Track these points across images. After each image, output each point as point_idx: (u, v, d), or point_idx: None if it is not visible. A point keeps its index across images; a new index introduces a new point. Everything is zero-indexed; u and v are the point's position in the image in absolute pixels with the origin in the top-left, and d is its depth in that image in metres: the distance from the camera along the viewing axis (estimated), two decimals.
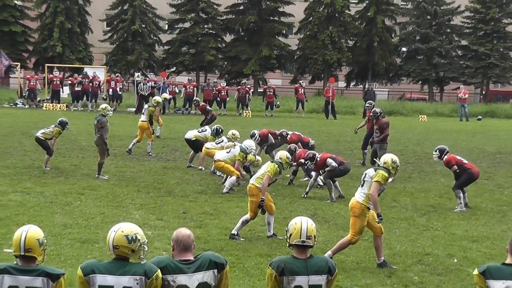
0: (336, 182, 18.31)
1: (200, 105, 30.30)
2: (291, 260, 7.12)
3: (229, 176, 18.71)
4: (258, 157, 19.94)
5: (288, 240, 7.26)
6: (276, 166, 13.76)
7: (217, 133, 22.11)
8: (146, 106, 26.18)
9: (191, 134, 22.34)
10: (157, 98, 26.77)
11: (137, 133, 25.03)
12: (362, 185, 11.93)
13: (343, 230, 14.17)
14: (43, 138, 20.70)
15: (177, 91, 45.28)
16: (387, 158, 12.12)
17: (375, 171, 11.90)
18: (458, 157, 17.99)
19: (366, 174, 11.98)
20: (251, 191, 13.64)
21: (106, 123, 19.93)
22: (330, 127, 37.41)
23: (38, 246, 6.55)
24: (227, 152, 18.80)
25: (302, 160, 18.71)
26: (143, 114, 25.13)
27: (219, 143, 20.68)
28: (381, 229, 12.07)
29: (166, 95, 32.27)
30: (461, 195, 17.13)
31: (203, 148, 20.90)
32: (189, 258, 6.84)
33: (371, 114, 23.43)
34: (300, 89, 46.45)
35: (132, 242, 6.60)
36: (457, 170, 17.46)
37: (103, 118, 19.82)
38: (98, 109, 20.80)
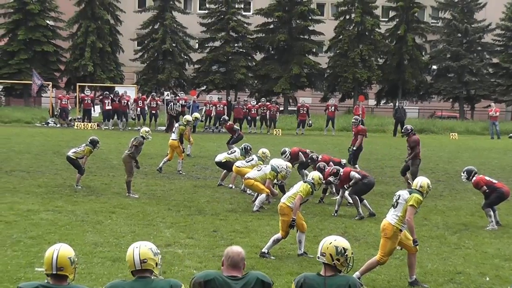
0: (365, 201, 18.20)
1: (228, 124, 30.31)
2: (313, 276, 7.22)
3: (259, 194, 18.71)
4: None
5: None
6: (309, 186, 13.70)
7: (246, 152, 22.10)
8: (176, 124, 26.25)
9: (221, 157, 22.32)
10: (188, 117, 26.90)
11: (168, 151, 25.14)
12: (395, 207, 11.80)
13: (374, 249, 14.09)
14: (74, 157, 20.83)
15: (213, 112, 45.37)
16: (424, 182, 12.02)
17: (410, 193, 11.81)
18: (487, 178, 17.89)
19: (400, 196, 11.84)
20: (283, 210, 13.61)
21: (142, 144, 20.17)
22: None
23: (69, 264, 6.60)
24: (258, 170, 18.80)
25: (331, 178, 18.63)
26: (174, 132, 25.25)
27: (249, 161, 20.67)
28: (416, 247, 11.99)
29: (197, 114, 32.35)
30: (491, 213, 17.03)
31: (234, 167, 20.90)
32: (237, 275, 6.92)
33: (402, 131, 23.49)
34: (330, 107, 46.46)
35: (156, 255, 6.73)
36: (487, 191, 17.37)
37: (142, 139, 20.07)
38: (140, 132, 20.93)
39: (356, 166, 24.59)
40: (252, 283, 6.93)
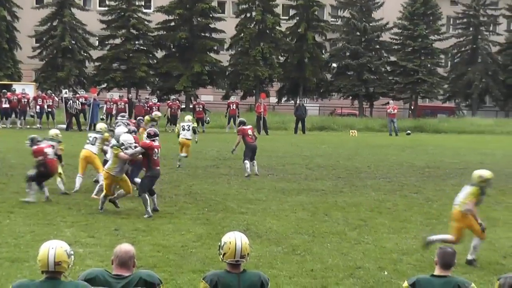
0: (155, 196, 17.74)
1: None
2: (224, 274, 7.20)
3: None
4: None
5: (222, 257, 7.30)
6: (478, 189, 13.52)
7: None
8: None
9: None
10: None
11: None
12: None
13: (276, 245, 14.24)
14: None
15: (114, 110, 44.73)
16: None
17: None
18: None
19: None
20: (457, 215, 13.42)
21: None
22: (262, 143, 37.28)
23: None
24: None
25: None
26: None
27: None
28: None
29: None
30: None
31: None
32: (123, 274, 6.86)
33: None
34: (232, 105, 46.66)
35: (70, 257, 6.66)
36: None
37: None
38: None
39: None
40: (133, 283, 6.90)
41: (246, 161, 24.76)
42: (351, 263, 13.18)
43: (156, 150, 17.35)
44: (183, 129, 27.02)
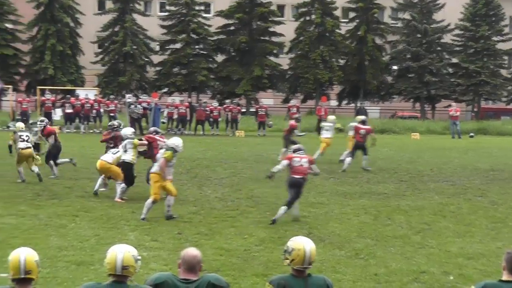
0: (296, 204, 17.38)
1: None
2: (291, 278, 7.16)
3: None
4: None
5: (289, 263, 7.25)
6: None
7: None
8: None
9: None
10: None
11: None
12: None
13: (339, 249, 14.17)
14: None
15: (175, 114, 45.19)
16: None
17: None
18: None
19: None
20: None
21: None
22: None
23: (36, 267, 6.56)
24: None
25: None
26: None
27: (115, 153, 20.48)
28: None
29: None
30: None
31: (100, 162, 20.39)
32: (191, 278, 6.87)
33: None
34: (292, 108, 46.67)
35: (137, 262, 6.71)
36: None
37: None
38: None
39: None
40: (202, 287, 6.89)
41: (349, 158, 26.99)
42: (415, 267, 13.05)
43: (296, 159, 17.15)
44: (324, 129, 30.23)
